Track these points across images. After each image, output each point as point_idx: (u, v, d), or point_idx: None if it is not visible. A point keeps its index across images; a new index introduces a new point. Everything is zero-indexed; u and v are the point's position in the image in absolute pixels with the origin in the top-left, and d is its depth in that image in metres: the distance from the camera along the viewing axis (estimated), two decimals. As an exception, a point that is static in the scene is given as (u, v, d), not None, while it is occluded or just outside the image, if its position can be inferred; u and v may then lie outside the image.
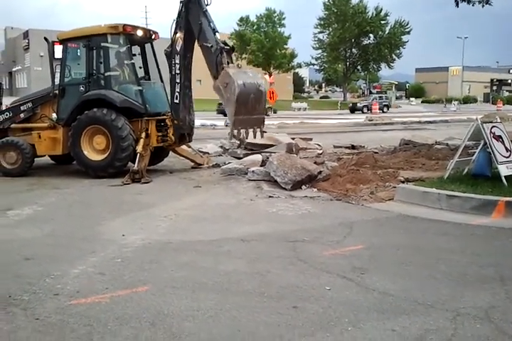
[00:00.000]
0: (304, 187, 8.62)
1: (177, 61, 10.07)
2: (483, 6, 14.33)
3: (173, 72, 10.12)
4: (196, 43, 9.84)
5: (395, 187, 8.03)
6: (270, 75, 42.74)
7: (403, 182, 8.46)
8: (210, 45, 9.35)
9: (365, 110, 50.15)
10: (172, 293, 4.15)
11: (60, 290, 4.21)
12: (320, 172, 8.97)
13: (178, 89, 10.14)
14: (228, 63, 9.30)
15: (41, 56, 50.10)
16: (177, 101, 10.21)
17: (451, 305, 3.90)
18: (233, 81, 8.75)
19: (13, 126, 10.94)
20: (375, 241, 5.68)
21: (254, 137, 9.71)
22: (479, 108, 59.90)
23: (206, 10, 9.68)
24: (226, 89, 8.88)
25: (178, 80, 10.10)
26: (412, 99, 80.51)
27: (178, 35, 9.99)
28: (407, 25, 65.49)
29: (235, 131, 9.09)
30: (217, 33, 9.60)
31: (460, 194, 7.09)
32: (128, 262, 4.92)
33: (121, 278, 4.50)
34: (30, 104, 10.90)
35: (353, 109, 51.43)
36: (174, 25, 10.03)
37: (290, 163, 8.80)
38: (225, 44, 9.61)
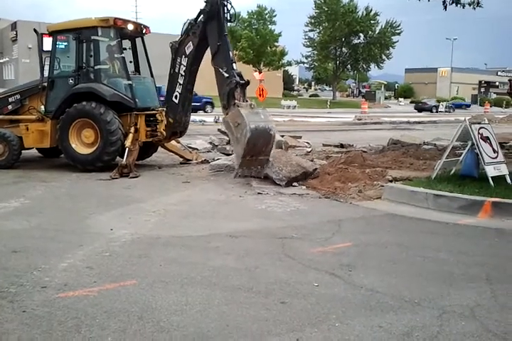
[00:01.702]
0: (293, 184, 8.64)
1: (183, 63, 9.78)
2: (474, 8, 14.49)
3: (177, 71, 9.86)
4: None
5: (382, 186, 8.09)
6: (260, 72, 42.77)
7: (391, 181, 8.53)
8: (226, 76, 8.95)
9: None
10: (160, 287, 4.15)
11: (47, 282, 4.19)
12: (315, 170, 8.97)
13: (179, 90, 9.95)
14: (241, 98, 8.94)
15: (29, 48, 49.58)
16: (176, 101, 10.02)
17: (438, 302, 3.95)
18: (246, 124, 8.36)
19: (0, 117, 10.84)
20: (363, 238, 5.72)
21: (256, 177, 9.25)
22: (467, 109, 60.39)
23: (226, 34, 9.33)
24: (237, 129, 8.55)
25: (181, 81, 9.89)
26: (400, 99, 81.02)
27: (190, 38, 9.61)
28: (399, 26, 65.69)
29: (240, 171, 8.88)
30: (234, 64, 9.16)
31: (447, 194, 7.16)
32: (116, 256, 4.91)
33: (109, 271, 4.49)
34: (18, 96, 10.80)
35: None
36: (187, 26, 9.62)
37: (285, 159, 8.82)
38: (241, 76, 9.10)
